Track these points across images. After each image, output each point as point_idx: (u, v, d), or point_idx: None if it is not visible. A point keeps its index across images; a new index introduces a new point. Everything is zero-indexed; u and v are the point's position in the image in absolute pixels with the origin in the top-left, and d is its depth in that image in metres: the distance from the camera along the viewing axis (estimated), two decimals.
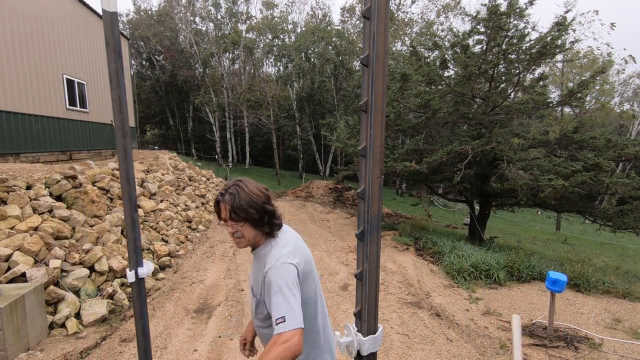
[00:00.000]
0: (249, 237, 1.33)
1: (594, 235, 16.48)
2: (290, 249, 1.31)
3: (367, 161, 0.70)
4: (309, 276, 1.34)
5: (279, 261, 1.25)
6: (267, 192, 1.35)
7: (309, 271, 1.34)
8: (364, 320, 0.89)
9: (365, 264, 0.79)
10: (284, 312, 1.16)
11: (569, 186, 5.83)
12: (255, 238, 1.35)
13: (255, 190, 1.31)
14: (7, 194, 4.32)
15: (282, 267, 1.24)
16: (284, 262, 1.25)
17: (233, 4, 25.82)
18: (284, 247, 1.32)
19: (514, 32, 7.23)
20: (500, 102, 7.68)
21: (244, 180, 1.34)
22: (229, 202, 1.28)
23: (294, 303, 1.18)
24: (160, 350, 3.22)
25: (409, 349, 3.30)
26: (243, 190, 1.29)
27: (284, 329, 1.13)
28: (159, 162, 10.02)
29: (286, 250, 1.30)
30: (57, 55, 9.31)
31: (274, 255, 1.28)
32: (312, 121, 23.44)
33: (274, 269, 1.24)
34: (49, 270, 3.68)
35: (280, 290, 1.19)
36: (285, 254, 1.28)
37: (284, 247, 1.32)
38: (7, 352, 2.83)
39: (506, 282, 5.15)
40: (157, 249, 5.62)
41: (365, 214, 0.72)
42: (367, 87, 0.67)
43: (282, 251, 1.30)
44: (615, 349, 3.38)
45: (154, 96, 30.40)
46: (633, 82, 27.62)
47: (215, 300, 4.31)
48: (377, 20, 0.62)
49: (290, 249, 1.31)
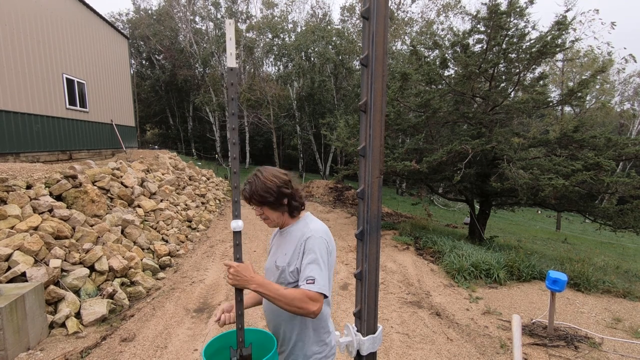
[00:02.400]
0: (272, 218, 1.46)
1: (594, 235, 16.48)
2: (326, 230, 1.42)
3: (366, 161, 0.70)
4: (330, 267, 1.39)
5: (318, 234, 1.36)
6: (284, 177, 1.44)
7: (332, 264, 1.41)
8: (364, 319, 0.89)
9: (364, 263, 0.79)
10: (316, 275, 1.27)
11: (569, 185, 5.83)
12: (279, 218, 1.47)
13: (270, 176, 1.41)
14: (7, 193, 4.32)
15: (321, 240, 1.35)
16: (322, 237, 1.36)
17: (233, 3, 25.80)
18: (321, 226, 1.43)
19: (514, 31, 7.22)
20: (501, 101, 7.67)
21: (261, 169, 1.46)
22: (247, 191, 1.42)
23: (326, 273, 1.30)
24: (161, 349, 3.23)
25: (409, 349, 3.30)
26: (259, 179, 1.41)
27: (312, 288, 1.24)
28: (159, 161, 10.02)
29: (323, 230, 1.40)
30: (57, 54, 9.30)
31: (313, 229, 1.39)
32: (312, 120, 23.44)
33: (314, 239, 1.34)
34: (49, 269, 3.68)
35: (316, 259, 1.30)
36: (322, 231, 1.39)
37: (321, 226, 1.43)
38: (7, 352, 2.83)
39: (506, 281, 5.15)
40: (157, 249, 5.62)
41: (365, 214, 0.72)
42: (367, 87, 0.67)
43: (321, 228, 1.41)
44: (615, 348, 3.38)
45: (154, 96, 30.38)
46: (633, 81, 27.57)
47: (216, 300, 4.31)
48: (376, 20, 0.62)
49: (326, 230, 1.42)
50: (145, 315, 3.87)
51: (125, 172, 7.19)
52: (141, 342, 3.33)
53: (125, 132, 13.60)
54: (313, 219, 1.48)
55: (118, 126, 12.81)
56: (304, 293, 1.24)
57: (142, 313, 3.91)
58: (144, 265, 5.02)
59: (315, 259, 1.30)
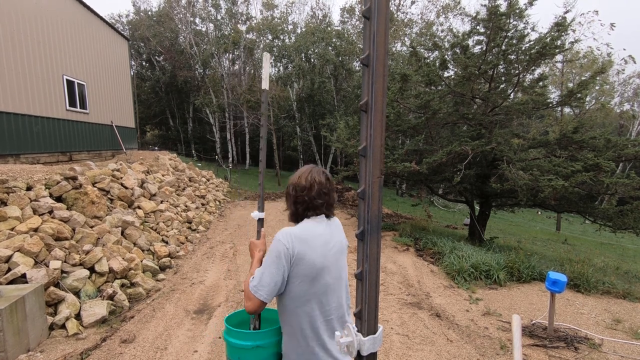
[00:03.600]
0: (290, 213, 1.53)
1: (594, 236, 16.47)
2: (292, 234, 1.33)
3: (367, 161, 0.70)
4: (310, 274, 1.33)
5: (279, 236, 1.34)
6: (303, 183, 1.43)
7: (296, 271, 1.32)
8: (364, 320, 0.89)
9: (365, 264, 0.79)
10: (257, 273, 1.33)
11: (568, 186, 5.83)
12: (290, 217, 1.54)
13: (294, 178, 1.48)
14: (8, 195, 4.33)
15: (275, 242, 1.33)
16: (279, 239, 1.32)
17: (233, 5, 25.84)
18: (291, 230, 1.36)
19: (514, 32, 7.24)
20: (500, 102, 7.68)
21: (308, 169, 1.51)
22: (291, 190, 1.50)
23: (268, 273, 1.29)
24: (161, 351, 3.22)
25: (409, 350, 3.29)
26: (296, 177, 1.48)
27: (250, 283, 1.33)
28: (159, 162, 10.02)
29: (287, 233, 1.34)
30: (58, 56, 9.32)
31: (281, 231, 1.36)
32: (312, 122, 23.45)
33: (273, 240, 1.34)
34: (49, 271, 3.68)
35: (266, 259, 1.34)
36: (285, 234, 1.34)
37: (291, 230, 1.36)
38: (7, 353, 2.83)
39: (506, 282, 5.15)
40: (157, 250, 5.62)
41: (366, 214, 0.72)
42: (367, 87, 0.67)
43: (287, 231, 1.35)
44: (615, 349, 3.38)
45: (154, 97, 30.41)
46: (633, 82, 27.63)
47: (216, 301, 4.31)
48: (377, 20, 0.63)
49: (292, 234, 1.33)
50: (145, 316, 3.87)
51: (126, 174, 7.19)
52: (141, 344, 3.32)
53: (125, 134, 13.60)
54: (300, 225, 1.42)
55: (118, 127, 12.82)
56: (247, 286, 1.35)
57: (142, 314, 3.90)
58: (144, 266, 5.01)
59: (266, 258, 1.33)
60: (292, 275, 1.31)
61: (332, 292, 1.38)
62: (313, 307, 1.33)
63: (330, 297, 1.37)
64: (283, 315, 1.37)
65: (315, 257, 1.32)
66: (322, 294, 1.34)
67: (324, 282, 1.34)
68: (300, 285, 1.31)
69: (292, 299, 1.33)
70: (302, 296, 1.32)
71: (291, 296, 1.33)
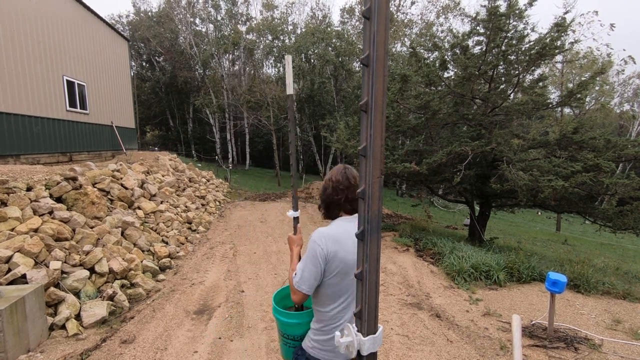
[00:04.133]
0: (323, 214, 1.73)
1: (594, 236, 16.48)
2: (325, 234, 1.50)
3: (367, 161, 0.71)
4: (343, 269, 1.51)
5: (313, 237, 1.51)
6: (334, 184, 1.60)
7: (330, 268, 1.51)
8: (364, 320, 0.89)
9: (365, 264, 0.79)
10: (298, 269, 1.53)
11: (568, 187, 5.83)
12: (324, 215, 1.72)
13: (327, 179, 1.67)
14: (8, 195, 4.33)
15: (310, 242, 1.51)
16: (314, 240, 1.50)
17: (233, 5, 25.86)
18: (324, 230, 1.52)
19: (514, 33, 7.24)
20: (500, 103, 7.68)
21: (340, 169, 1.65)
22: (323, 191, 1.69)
23: (308, 270, 1.48)
24: (161, 351, 3.22)
25: (409, 350, 3.29)
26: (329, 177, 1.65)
27: (293, 279, 1.54)
28: (159, 163, 10.03)
29: (320, 233, 1.51)
30: (58, 56, 9.32)
31: (315, 232, 1.53)
32: (312, 122, 23.46)
33: (309, 241, 1.51)
34: (49, 271, 3.68)
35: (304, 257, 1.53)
36: (318, 235, 1.50)
37: (324, 230, 1.52)
38: (7, 354, 2.83)
39: (506, 283, 5.15)
40: (157, 250, 5.62)
41: (366, 214, 0.72)
42: (368, 87, 0.67)
43: (321, 231, 1.51)
44: (615, 350, 3.38)
45: (154, 97, 30.43)
46: (633, 82, 27.63)
47: (216, 302, 4.31)
48: (377, 20, 0.63)
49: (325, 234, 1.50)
50: (145, 317, 3.87)
51: (126, 174, 7.19)
52: (141, 344, 3.32)
53: (125, 134, 13.61)
54: (332, 224, 1.59)
55: (118, 128, 12.82)
56: (291, 282, 1.56)
57: (142, 315, 3.90)
58: (144, 267, 5.01)
59: (305, 257, 1.52)
60: (326, 270, 1.49)
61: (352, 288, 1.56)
62: (342, 298, 1.54)
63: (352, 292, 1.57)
64: (316, 300, 1.59)
65: (346, 255, 1.49)
66: (352, 286, 1.54)
67: (350, 276, 1.52)
68: (333, 279, 1.50)
69: (325, 289, 1.53)
70: (334, 288, 1.52)
71: (325, 287, 1.52)
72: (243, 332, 3.58)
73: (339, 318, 1.56)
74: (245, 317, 3.89)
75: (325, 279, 1.51)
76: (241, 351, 3.25)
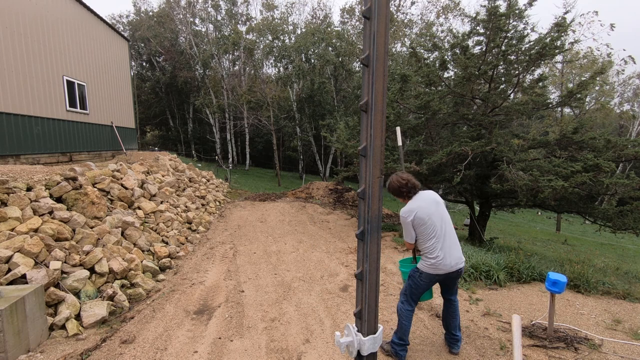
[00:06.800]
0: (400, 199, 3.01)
1: (594, 236, 16.48)
2: (408, 209, 2.87)
3: (367, 161, 0.71)
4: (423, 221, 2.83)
5: (401, 213, 2.90)
6: (401, 181, 2.93)
7: (423, 225, 2.83)
8: (364, 320, 0.89)
9: (365, 263, 0.79)
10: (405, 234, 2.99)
11: (568, 187, 5.83)
12: (403, 200, 2.99)
13: (393, 181, 2.94)
14: (8, 195, 4.33)
15: (401, 216, 2.89)
16: (402, 215, 2.88)
17: (233, 6, 25.87)
18: (408, 206, 2.90)
19: (514, 33, 7.24)
20: (500, 103, 7.69)
21: (392, 175, 2.98)
22: (388, 188, 3.03)
23: (407, 232, 2.92)
24: (160, 352, 3.22)
25: (409, 350, 3.29)
26: (389, 182, 2.97)
27: (405, 240, 3.03)
28: (159, 163, 10.03)
29: (405, 209, 2.89)
30: (58, 56, 9.33)
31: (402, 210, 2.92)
32: (312, 122, 23.46)
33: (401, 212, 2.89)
34: (49, 271, 3.68)
35: None
36: (404, 211, 2.88)
37: (408, 206, 2.90)
38: (7, 354, 2.83)
39: (506, 283, 5.14)
40: (157, 251, 5.62)
41: (366, 214, 0.72)
42: (368, 87, 0.67)
43: (406, 208, 2.89)
44: (615, 350, 3.38)
45: (154, 97, 30.45)
46: (633, 82, 27.65)
47: (216, 302, 4.31)
48: (377, 20, 0.63)
49: (408, 209, 2.87)
50: (145, 317, 3.87)
51: (126, 174, 7.19)
52: (141, 344, 3.32)
53: (125, 134, 13.61)
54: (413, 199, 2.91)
55: (118, 128, 12.83)
56: (405, 240, 3.03)
57: (142, 315, 3.90)
58: (144, 267, 5.01)
59: (403, 227, 2.94)
60: (414, 227, 2.85)
61: (438, 228, 2.83)
62: (432, 236, 2.83)
63: (439, 230, 2.82)
64: (419, 242, 2.90)
65: (421, 214, 2.82)
66: (432, 228, 2.82)
67: (431, 223, 2.81)
68: (420, 229, 2.84)
69: (419, 236, 2.87)
70: (423, 233, 2.85)
71: (419, 235, 2.87)
72: (243, 332, 3.58)
73: (434, 249, 2.80)
74: (245, 317, 3.89)
75: (417, 230, 2.84)
76: (241, 351, 3.25)
